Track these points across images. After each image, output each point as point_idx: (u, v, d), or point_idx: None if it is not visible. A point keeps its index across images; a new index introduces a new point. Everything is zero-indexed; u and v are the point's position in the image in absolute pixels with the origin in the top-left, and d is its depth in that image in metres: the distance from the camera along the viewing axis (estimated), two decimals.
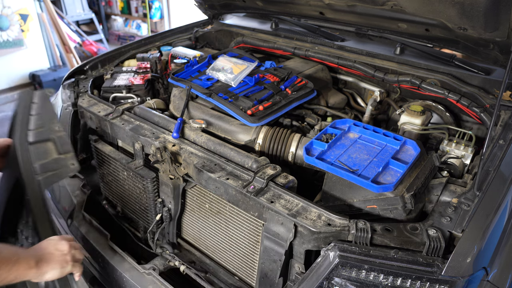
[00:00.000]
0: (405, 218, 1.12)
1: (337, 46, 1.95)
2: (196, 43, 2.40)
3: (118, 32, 7.21)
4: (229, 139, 1.48)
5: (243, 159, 1.28)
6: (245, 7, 2.28)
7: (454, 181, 1.19)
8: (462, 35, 1.49)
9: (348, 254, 0.96)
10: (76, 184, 1.70)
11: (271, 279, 1.18)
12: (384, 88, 1.87)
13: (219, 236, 1.40)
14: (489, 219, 1.03)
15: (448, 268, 0.92)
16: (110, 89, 1.79)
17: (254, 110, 1.47)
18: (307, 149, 1.28)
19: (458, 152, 1.40)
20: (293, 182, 1.21)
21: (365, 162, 1.21)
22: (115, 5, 7.07)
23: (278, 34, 2.16)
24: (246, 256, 1.32)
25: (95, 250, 1.48)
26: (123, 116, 1.57)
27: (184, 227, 1.57)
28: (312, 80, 1.75)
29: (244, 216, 1.26)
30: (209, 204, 1.38)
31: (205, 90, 1.60)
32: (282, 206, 1.09)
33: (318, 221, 1.04)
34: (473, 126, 1.66)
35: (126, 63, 2.10)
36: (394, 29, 1.78)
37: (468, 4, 1.29)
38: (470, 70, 1.61)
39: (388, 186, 1.09)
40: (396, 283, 0.94)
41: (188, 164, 1.30)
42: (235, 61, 1.77)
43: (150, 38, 2.28)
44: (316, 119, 1.63)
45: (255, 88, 1.62)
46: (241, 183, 1.18)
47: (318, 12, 1.95)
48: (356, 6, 1.69)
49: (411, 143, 1.29)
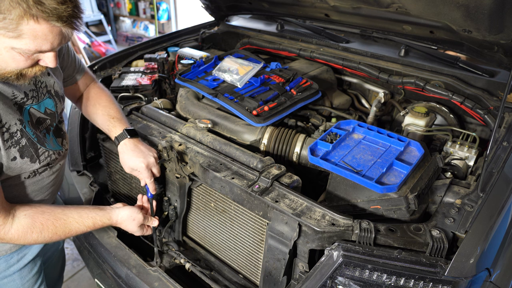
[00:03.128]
0: (409, 218, 1.13)
1: (342, 47, 1.96)
2: (202, 44, 2.42)
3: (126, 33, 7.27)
4: (234, 139, 1.49)
5: (248, 159, 1.30)
6: (251, 8, 2.30)
7: (458, 183, 1.20)
8: (466, 37, 1.49)
9: (352, 253, 0.97)
10: (84, 181, 1.72)
11: (275, 277, 1.20)
12: (388, 89, 1.87)
13: (224, 235, 1.42)
14: (493, 220, 1.04)
15: (451, 268, 0.92)
16: (118, 89, 1.81)
17: (260, 111, 1.48)
18: (312, 149, 1.29)
19: (462, 154, 1.41)
20: (297, 182, 1.22)
21: (369, 163, 1.22)
22: (123, 6, 7.14)
23: (284, 36, 2.18)
24: (251, 254, 1.33)
25: (102, 247, 1.51)
26: (131, 116, 1.59)
27: (190, 225, 1.59)
28: (317, 81, 1.76)
29: (249, 215, 1.28)
30: (214, 203, 1.40)
31: (211, 90, 1.62)
32: (286, 205, 1.10)
33: (322, 220, 1.05)
34: (477, 127, 1.66)
35: (134, 63, 2.13)
36: (399, 31, 1.78)
37: (472, 7, 1.29)
38: (474, 72, 1.61)
39: (392, 186, 1.10)
40: (399, 283, 0.94)
41: (194, 163, 1.32)
42: (241, 62, 1.79)
43: (158, 39, 2.31)
44: (321, 120, 1.64)
45: (261, 89, 1.64)
46: (246, 182, 1.19)
47: (323, 14, 1.96)
48: (361, 8, 1.70)
49: (415, 144, 1.30)
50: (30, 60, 0.93)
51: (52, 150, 1.16)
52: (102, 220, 1.22)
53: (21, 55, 0.90)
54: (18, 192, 1.13)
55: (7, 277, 1.22)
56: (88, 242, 1.56)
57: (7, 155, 1.01)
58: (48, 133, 1.18)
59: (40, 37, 0.87)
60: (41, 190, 1.19)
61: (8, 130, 1.01)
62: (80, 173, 1.77)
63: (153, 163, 1.27)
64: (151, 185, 1.30)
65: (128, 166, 1.27)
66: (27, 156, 1.07)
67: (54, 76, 1.22)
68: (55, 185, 1.25)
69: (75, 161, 1.75)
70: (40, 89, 1.15)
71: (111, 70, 2.04)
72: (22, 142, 1.05)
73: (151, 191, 1.32)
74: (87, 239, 1.57)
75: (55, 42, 0.91)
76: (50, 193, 1.24)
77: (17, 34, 0.85)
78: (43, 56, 0.95)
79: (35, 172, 1.13)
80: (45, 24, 0.86)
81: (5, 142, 1.01)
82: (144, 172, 1.26)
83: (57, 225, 1.13)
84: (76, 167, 1.75)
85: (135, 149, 1.26)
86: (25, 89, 1.09)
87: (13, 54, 0.90)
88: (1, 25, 0.83)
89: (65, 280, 2.44)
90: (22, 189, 1.13)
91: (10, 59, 0.90)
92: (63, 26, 0.88)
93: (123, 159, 1.27)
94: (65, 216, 1.15)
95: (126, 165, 1.27)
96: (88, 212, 1.20)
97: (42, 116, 1.16)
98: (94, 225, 1.21)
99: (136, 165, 1.25)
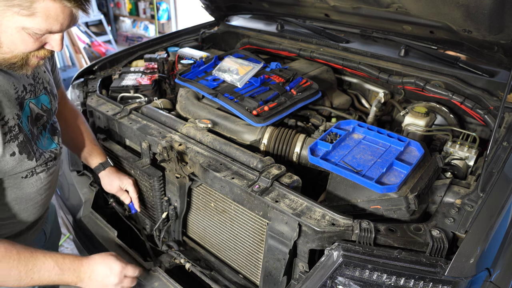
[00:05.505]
0: (409, 218, 1.13)
1: (342, 47, 1.96)
2: (202, 44, 2.42)
3: (126, 33, 7.28)
4: (234, 139, 1.49)
5: (248, 159, 1.30)
6: (251, 8, 2.30)
7: (458, 182, 1.20)
8: (466, 37, 1.49)
9: (352, 253, 0.97)
10: (84, 181, 1.73)
11: (275, 277, 1.20)
12: (388, 89, 1.87)
13: (224, 235, 1.42)
14: (493, 220, 1.04)
15: (451, 268, 0.92)
16: (118, 89, 1.81)
17: (260, 111, 1.48)
18: (312, 149, 1.29)
19: (462, 154, 1.41)
20: (297, 182, 1.22)
21: (369, 163, 1.22)
22: (123, 6, 7.14)
23: (284, 36, 2.18)
24: (251, 254, 1.33)
25: (102, 247, 1.51)
26: (131, 116, 1.59)
27: (190, 225, 1.59)
28: (317, 81, 1.76)
29: (249, 215, 1.28)
30: (214, 203, 1.40)
31: (211, 90, 1.62)
32: (286, 205, 1.10)
33: (322, 220, 1.05)
34: (477, 127, 1.66)
35: (134, 63, 2.13)
36: (399, 31, 1.79)
37: (472, 7, 1.29)
38: (474, 72, 1.61)
39: (392, 186, 1.10)
40: (399, 283, 0.94)
41: (194, 163, 1.32)
42: (241, 62, 1.79)
43: (158, 39, 2.31)
44: (321, 120, 1.64)
45: (261, 89, 1.64)
46: (246, 182, 1.19)
47: (323, 14, 1.96)
48: (361, 8, 1.70)
49: (415, 144, 1.30)
50: (38, 42, 0.95)
51: (46, 149, 1.16)
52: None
53: (30, 36, 0.92)
54: (16, 194, 1.12)
55: None
56: (88, 242, 1.56)
57: (5, 149, 1.00)
58: (45, 130, 1.18)
59: (52, 17, 0.89)
60: (38, 192, 1.18)
61: (6, 124, 1.00)
62: (80, 173, 1.77)
63: (134, 182, 1.50)
64: (137, 201, 1.50)
65: (117, 185, 1.47)
66: (25, 153, 1.06)
67: (49, 73, 1.23)
68: (51, 187, 1.25)
69: (75, 161, 1.75)
70: (37, 85, 1.15)
71: (111, 70, 2.04)
72: (20, 137, 1.04)
73: (136, 208, 1.51)
74: (87, 239, 1.57)
75: (64, 23, 0.93)
76: (46, 196, 1.24)
77: (31, 12, 0.87)
78: (50, 39, 0.97)
79: (33, 172, 1.13)
80: (58, 3, 0.89)
81: (4, 135, 1.00)
82: (131, 187, 1.47)
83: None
84: (76, 167, 1.76)
85: (118, 172, 1.51)
86: (24, 83, 1.09)
87: (23, 35, 0.91)
88: (16, 2, 0.85)
89: None
90: (20, 190, 1.12)
91: (19, 40, 0.92)
92: (74, 7, 0.92)
93: (111, 180, 1.47)
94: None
95: (115, 184, 1.47)
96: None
97: (40, 112, 1.16)
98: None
99: (124, 182, 1.47)
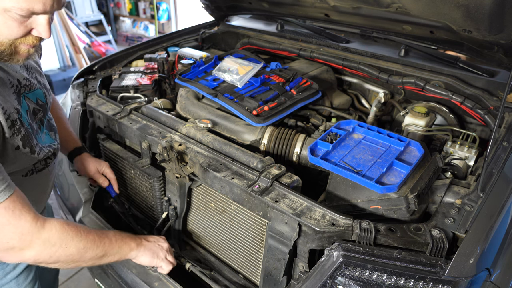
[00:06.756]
0: (409, 218, 1.13)
1: (342, 47, 1.96)
2: (202, 44, 2.42)
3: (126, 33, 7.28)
4: (234, 139, 1.49)
5: (248, 159, 1.30)
6: (251, 8, 2.30)
7: (458, 182, 1.20)
8: (466, 37, 1.49)
9: (352, 253, 0.97)
10: (84, 181, 1.73)
11: (275, 277, 1.20)
12: (388, 89, 1.87)
13: (224, 235, 1.42)
14: (493, 220, 1.04)
15: (451, 268, 0.92)
16: (118, 89, 1.81)
17: (260, 111, 1.48)
18: (312, 149, 1.29)
19: (462, 154, 1.41)
20: (297, 182, 1.22)
21: (369, 163, 1.22)
22: (123, 6, 7.14)
23: (284, 36, 2.18)
24: (251, 254, 1.33)
25: None
26: (131, 116, 1.59)
27: (190, 225, 1.59)
28: (317, 81, 1.76)
29: (248, 215, 1.28)
30: (214, 203, 1.40)
31: (211, 90, 1.62)
32: (286, 205, 1.10)
33: (322, 220, 1.05)
34: (477, 127, 1.66)
35: (134, 63, 2.13)
36: (399, 31, 1.78)
37: (472, 7, 1.29)
38: (474, 72, 1.61)
39: (392, 186, 1.10)
40: (399, 283, 0.94)
41: (194, 163, 1.32)
42: (241, 62, 1.79)
43: (158, 39, 2.31)
44: (321, 120, 1.65)
45: (261, 89, 1.64)
46: (246, 182, 1.19)
47: (323, 14, 1.96)
48: (361, 8, 1.70)
49: (415, 144, 1.30)
50: (23, 27, 0.92)
51: (45, 144, 1.16)
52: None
53: (14, 20, 0.89)
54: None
55: (4, 285, 1.22)
56: None
57: (10, 143, 0.99)
58: (42, 125, 1.18)
59: None
60: (37, 190, 1.18)
61: (9, 118, 0.99)
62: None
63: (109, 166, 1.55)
64: (115, 182, 1.54)
65: (94, 167, 1.51)
66: (28, 146, 1.05)
67: (39, 67, 1.24)
68: (48, 187, 1.25)
69: None
70: (32, 79, 1.15)
71: (111, 70, 2.04)
72: (22, 131, 1.04)
73: (115, 190, 1.55)
74: None
75: (47, 3, 0.89)
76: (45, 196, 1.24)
77: None
78: (36, 24, 0.94)
79: (32, 170, 1.12)
80: None
81: (9, 128, 0.99)
82: (108, 169, 1.52)
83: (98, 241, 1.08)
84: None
85: (94, 157, 1.55)
86: (18, 77, 1.08)
87: (5, 18, 0.88)
88: None
89: (65, 280, 2.45)
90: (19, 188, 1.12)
91: (2, 24, 0.89)
92: None
93: (88, 162, 1.51)
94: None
95: (91, 166, 1.50)
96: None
97: (36, 107, 1.15)
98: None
99: (101, 165, 1.52)
